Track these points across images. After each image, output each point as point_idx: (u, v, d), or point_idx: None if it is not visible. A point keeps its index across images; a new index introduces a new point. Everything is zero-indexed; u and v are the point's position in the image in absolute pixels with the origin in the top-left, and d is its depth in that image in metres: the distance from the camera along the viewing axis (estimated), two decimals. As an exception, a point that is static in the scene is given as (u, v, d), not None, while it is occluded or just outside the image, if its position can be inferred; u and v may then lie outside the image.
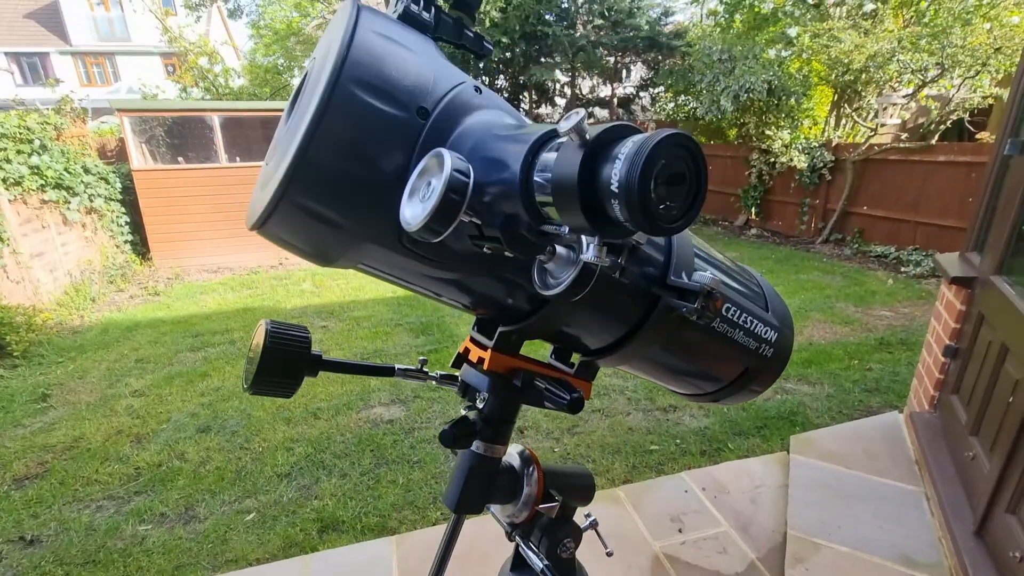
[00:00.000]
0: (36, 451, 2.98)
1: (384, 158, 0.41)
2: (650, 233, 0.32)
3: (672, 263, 0.55)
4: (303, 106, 0.43)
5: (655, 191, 0.31)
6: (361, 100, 0.39)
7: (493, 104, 0.47)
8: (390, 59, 0.41)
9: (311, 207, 0.42)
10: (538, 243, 0.40)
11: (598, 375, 1.99)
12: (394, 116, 0.41)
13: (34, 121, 5.41)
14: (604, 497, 2.33)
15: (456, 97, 0.44)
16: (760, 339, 0.67)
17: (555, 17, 11.33)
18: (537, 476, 0.63)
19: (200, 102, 8.90)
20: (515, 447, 0.66)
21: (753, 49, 7.96)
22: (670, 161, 0.31)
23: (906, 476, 2.27)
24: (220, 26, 22.99)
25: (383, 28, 0.42)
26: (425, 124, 0.42)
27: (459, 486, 0.57)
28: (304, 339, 0.54)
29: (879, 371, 3.75)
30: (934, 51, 6.10)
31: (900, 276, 6.06)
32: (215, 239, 6.98)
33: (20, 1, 23.49)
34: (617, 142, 0.32)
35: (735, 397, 0.74)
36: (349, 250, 0.47)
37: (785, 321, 0.71)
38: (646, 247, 0.54)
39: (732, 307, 0.63)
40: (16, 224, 4.94)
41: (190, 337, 4.65)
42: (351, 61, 0.39)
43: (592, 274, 0.40)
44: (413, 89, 0.42)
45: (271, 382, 0.54)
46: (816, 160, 7.65)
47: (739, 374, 0.71)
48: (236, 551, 2.22)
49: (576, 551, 0.64)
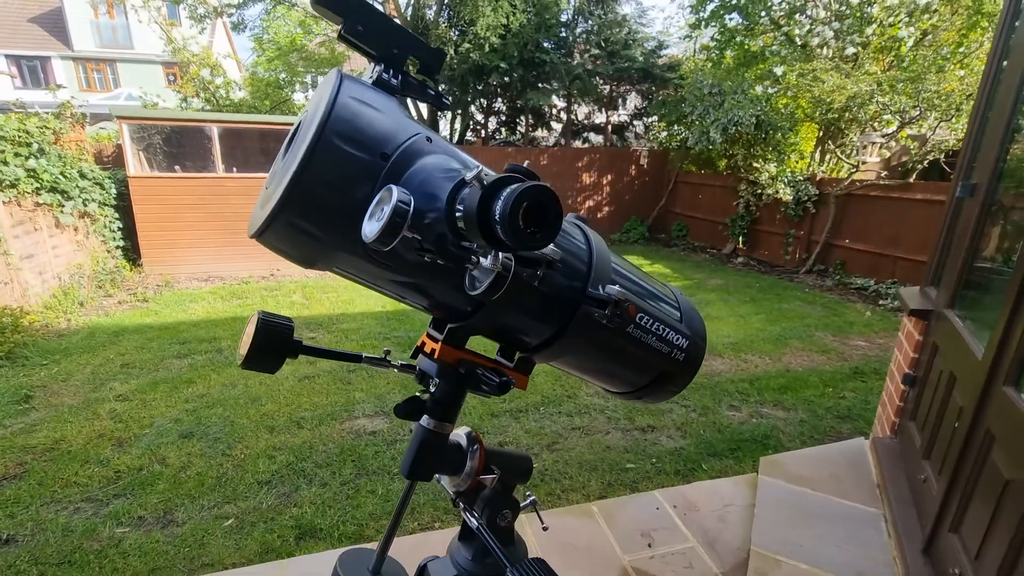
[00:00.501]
0: (16, 452, 2.99)
1: (354, 189, 0.55)
2: (519, 249, 0.45)
3: (591, 277, 0.67)
4: (296, 148, 0.57)
5: (522, 221, 0.45)
6: (338, 147, 0.54)
7: (441, 150, 0.60)
8: (361, 117, 0.55)
9: (299, 224, 0.56)
10: (461, 255, 0.54)
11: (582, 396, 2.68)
12: (362, 159, 0.55)
13: (33, 125, 5.48)
14: (578, 511, 2.39)
15: (411, 146, 0.58)
16: (672, 345, 0.78)
17: (553, 45, 11.67)
18: (480, 454, 0.75)
19: (200, 113, 9.02)
20: (464, 429, 0.77)
21: (742, 84, 8.26)
22: (531, 203, 0.46)
23: (868, 499, 2.36)
24: (224, 38, 23.32)
25: (358, 93, 0.57)
26: (385, 165, 0.56)
27: (412, 456, 0.68)
28: (288, 327, 0.68)
29: (852, 399, 3.86)
30: (911, 94, 6.39)
31: (878, 308, 6.23)
32: (208, 248, 7.03)
33: (24, 5, 23.70)
34: (502, 188, 0.46)
35: (655, 396, 0.84)
36: (326, 257, 0.62)
37: (698, 332, 0.82)
38: (571, 262, 0.67)
39: (645, 316, 0.74)
40: (8, 226, 4.97)
41: (177, 344, 4.67)
42: (332, 119, 0.53)
43: (504, 280, 0.52)
44: (377, 139, 0.56)
45: (260, 359, 0.67)
46: (801, 193, 7.89)
47: (656, 375, 0.81)
48: (213, 555, 2.25)
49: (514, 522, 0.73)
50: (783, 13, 8.79)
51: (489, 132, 13.29)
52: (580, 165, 11.17)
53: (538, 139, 13.57)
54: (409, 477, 0.68)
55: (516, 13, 10.49)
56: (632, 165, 11.42)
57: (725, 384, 4.06)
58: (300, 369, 4.18)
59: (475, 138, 13.15)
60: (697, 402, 3.74)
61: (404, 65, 0.62)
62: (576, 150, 11.68)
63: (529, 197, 0.45)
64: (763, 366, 4.47)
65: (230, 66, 12.63)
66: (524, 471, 0.80)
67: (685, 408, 3.66)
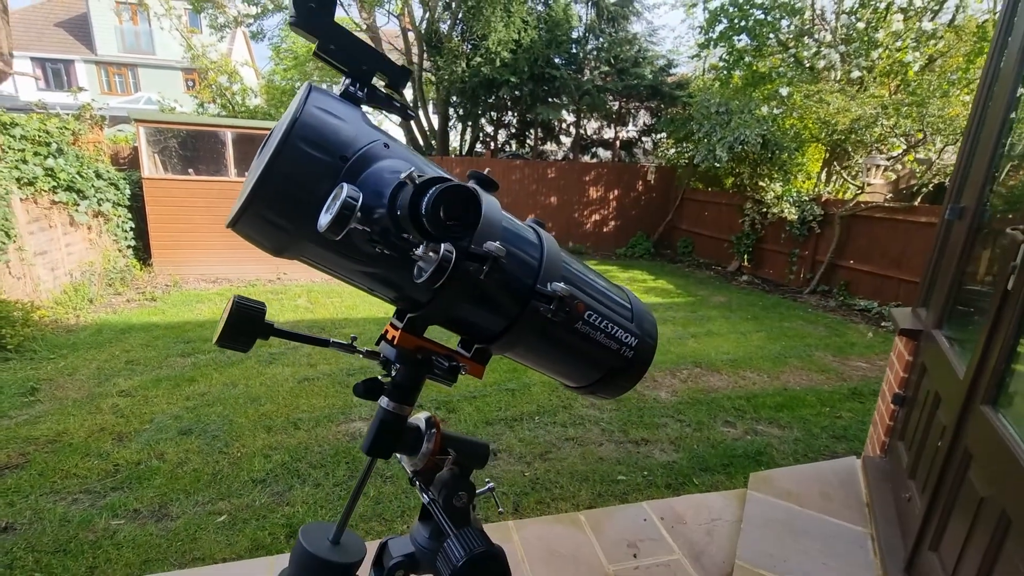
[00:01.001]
0: (19, 442, 3.05)
1: (315, 187, 0.62)
2: (442, 240, 0.51)
3: (540, 274, 0.72)
4: (267, 150, 0.64)
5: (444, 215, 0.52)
6: (302, 149, 0.61)
7: (397, 155, 0.67)
8: (325, 125, 0.63)
9: (266, 215, 0.64)
10: (402, 245, 0.61)
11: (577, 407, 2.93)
12: (324, 160, 0.62)
13: (54, 126, 5.64)
14: (565, 520, 2.41)
15: (368, 150, 0.65)
16: (621, 343, 0.83)
17: (563, 61, 11.83)
18: (436, 437, 0.79)
19: (215, 118, 9.21)
20: (424, 414, 0.82)
21: (749, 104, 8.34)
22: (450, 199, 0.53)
23: (856, 518, 2.36)
24: (242, 46, 23.81)
25: (323, 103, 0.64)
26: (344, 166, 0.63)
27: (372, 434, 0.75)
28: (260, 309, 0.73)
29: (848, 419, 3.85)
30: (916, 118, 6.43)
31: (881, 330, 6.21)
32: (216, 250, 7.14)
33: (51, 10, 24.38)
34: (430, 187, 0.54)
35: (607, 391, 0.89)
36: (294, 246, 0.68)
37: (648, 332, 0.86)
38: (521, 258, 0.73)
39: (594, 314, 0.79)
40: (24, 222, 5.10)
41: (182, 343, 4.75)
42: (298, 125, 0.61)
43: (444, 270, 0.58)
44: (338, 144, 0.63)
45: (233, 337, 0.72)
46: (806, 213, 7.91)
47: (606, 371, 0.85)
48: (204, 550, 2.28)
49: (469, 504, 0.78)
50: (791, 35, 8.88)
51: (499, 144, 13.45)
52: (587, 179, 11.27)
53: (547, 152, 13.69)
54: (369, 454, 0.73)
55: (527, 29, 10.68)
56: (639, 180, 11.49)
57: (722, 400, 4.06)
58: (300, 371, 4.23)
59: (484, 150, 13.31)
60: (692, 417, 3.75)
61: (371, 79, 0.69)
62: (584, 164, 11.78)
63: (449, 195, 0.52)
64: (761, 384, 4.46)
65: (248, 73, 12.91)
66: (480, 456, 0.84)
67: (680, 423, 3.67)
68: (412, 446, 0.80)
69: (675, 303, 7.30)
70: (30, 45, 22.59)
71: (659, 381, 4.41)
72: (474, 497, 0.78)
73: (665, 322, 6.20)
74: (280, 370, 4.25)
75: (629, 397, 4.03)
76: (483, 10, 10.22)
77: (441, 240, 0.55)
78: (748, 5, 9.00)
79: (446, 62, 10.85)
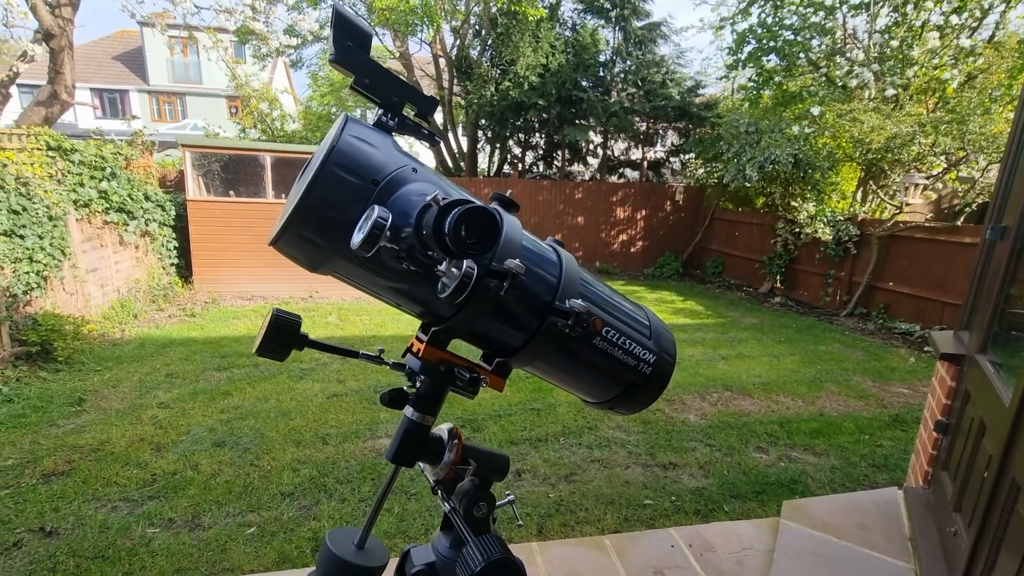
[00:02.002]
0: (65, 450, 3.20)
1: (349, 208, 0.67)
2: (463, 256, 0.53)
3: (559, 291, 0.75)
4: (306, 174, 0.71)
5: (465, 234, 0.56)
6: (337, 175, 0.67)
7: (424, 179, 0.72)
8: (358, 152, 0.69)
9: (304, 234, 0.69)
10: (427, 262, 0.65)
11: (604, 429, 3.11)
12: (356, 184, 0.68)
13: (108, 151, 6.02)
14: (589, 543, 2.36)
15: (397, 175, 0.70)
16: (639, 359, 0.84)
17: (591, 84, 11.98)
18: (457, 448, 0.82)
19: (256, 143, 9.65)
20: (447, 425, 0.85)
21: (779, 124, 8.25)
22: (471, 220, 0.57)
23: (898, 552, 2.24)
24: (282, 74, 24.98)
25: (358, 132, 0.70)
26: (375, 189, 0.68)
27: (396, 443, 0.78)
28: (296, 322, 0.78)
29: (890, 448, 3.68)
30: (956, 136, 6.24)
31: (923, 355, 5.94)
32: (253, 268, 7.41)
33: (111, 44, 26.18)
34: (452, 208, 0.58)
35: (625, 407, 0.89)
36: (328, 262, 0.73)
37: (666, 349, 0.87)
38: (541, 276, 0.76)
39: (612, 330, 0.81)
40: (79, 241, 5.41)
41: (218, 358, 4.92)
42: (334, 153, 0.66)
43: (466, 285, 0.61)
44: (370, 169, 0.69)
45: (270, 347, 0.77)
46: (841, 233, 7.70)
47: (625, 387, 0.86)
48: (233, 561, 2.33)
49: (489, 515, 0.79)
50: (822, 55, 8.79)
51: (526, 165, 13.61)
52: (615, 199, 11.26)
53: (574, 173, 13.77)
54: (393, 461, 0.76)
55: (555, 53, 10.88)
56: (667, 201, 11.43)
57: (753, 424, 3.95)
58: (329, 387, 4.32)
59: (512, 171, 13.48)
60: (723, 441, 3.65)
61: (402, 109, 0.75)
62: (611, 184, 11.79)
63: (470, 216, 0.57)
64: (795, 408, 4.32)
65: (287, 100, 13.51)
66: (500, 469, 0.86)
67: (709, 447, 3.57)
68: (435, 456, 0.83)
69: (704, 324, 7.16)
70: (90, 77, 24.21)
71: (688, 404, 4.32)
72: (494, 508, 0.80)
73: (694, 344, 6.09)
74: (310, 386, 4.34)
75: (657, 420, 3.95)
76: (512, 36, 10.48)
77: (462, 257, 0.59)
78: (777, 26, 8.97)
79: (475, 86, 11.13)
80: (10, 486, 2.82)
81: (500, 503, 0.85)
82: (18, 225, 4.41)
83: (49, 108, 5.89)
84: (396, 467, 0.79)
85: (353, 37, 0.70)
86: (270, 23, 8.00)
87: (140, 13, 6.93)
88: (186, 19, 7.21)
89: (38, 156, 4.94)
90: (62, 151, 5.29)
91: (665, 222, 11.49)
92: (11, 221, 4.35)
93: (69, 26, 5.80)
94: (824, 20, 8.60)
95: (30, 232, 4.51)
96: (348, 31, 0.70)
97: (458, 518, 0.76)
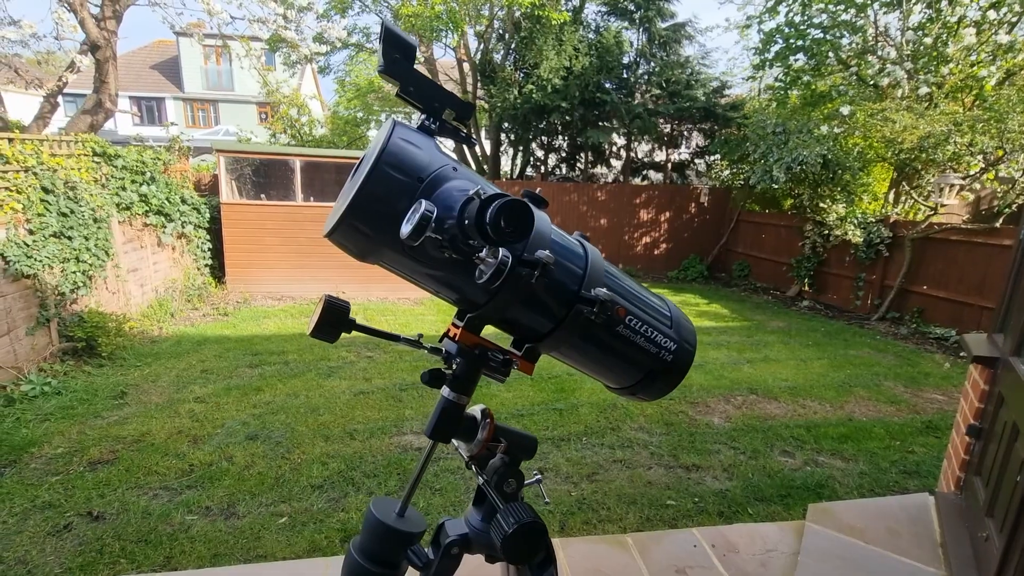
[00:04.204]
0: (110, 440, 3.36)
1: (397, 203, 0.74)
2: (501, 244, 0.58)
3: (585, 281, 0.80)
4: (359, 173, 0.78)
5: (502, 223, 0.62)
6: (388, 173, 0.73)
7: (464, 176, 0.79)
8: (406, 152, 0.75)
9: (357, 226, 0.76)
10: (468, 250, 0.71)
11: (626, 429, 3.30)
12: (404, 181, 0.74)
13: (148, 157, 6.28)
14: (611, 540, 2.38)
15: (440, 173, 0.76)
16: (660, 347, 0.88)
17: (614, 86, 11.95)
18: (489, 426, 0.87)
19: (286, 147, 9.93)
20: (480, 406, 0.90)
21: (807, 124, 8.10)
22: (509, 211, 0.63)
23: (928, 558, 2.20)
24: (310, 80, 25.58)
25: (405, 135, 0.77)
26: (420, 186, 0.75)
27: (434, 420, 0.83)
28: (346, 307, 0.85)
29: (922, 454, 3.59)
30: (994, 135, 6.04)
31: (959, 360, 5.75)
32: (283, 269, 7.63)
33: (149, 55, 27.24)
34: (493, 200, 0.64)
35: (647, 392, 0.93)
36: (376, 252, 0.80)
37: (686, 338, 0.91)
38: (568, 267, 0.81)
39: (634, 319, 0.85)
40: (120, 242, 5.67)
41: (250, 355, 5.09)
42: (385, 153, 0.73)
43: (502, 272, 0.66)
44: (415, 167, 0.75)
45: (324, 330, 0.83)
46: (872, 235, 7.52)
47: (646, 373, 0.90)
48: (267, 548, 2.43)
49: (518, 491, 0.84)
50: (852, 54, 8.60)
51: (549, 168, 13.64)
52: (638, 202, 11.21)
53: (597, 175, 13.74)
54: (431, 437, 0.82)
55: (579, 56, 10.90)
56: (692, 203, 11.32)
57: (779, 428, 3.90)
58: (356, 385, 4.43)
59: (535, 173, 13.53)
60: (747, 444, 3.61)
61: (442, 114, 0.81)
62: (634, 187, 11.74)
63: (508, 207, 0.63)
64: (823, 413, 4.25)
65: (314, 106, 13.84)
66: (528, 448, 0.91)
67: (734, 450, 3.55)
68: (468, 433, 0.89)
69: (729, 327, 7.07)
70: (129, 86, 25.22)
71: (711, 407, 4.28)
72: (522, 486, 0.85)
73: (719, 347, 6.03)
74: (338, 383, 4.46)
75: (680, 422, 3.94)
76: (535, 40, 10.55)
77: (500, 244, 0.66)
78: (805, 25, 8.81)
79: (499, 90, 11.22)
80: (60, 472, 2.99)
81: (528, 481, 0.90)
82: (66, 227, 4.65)
83: (94, 116, 6.19)
84: (433, 443, 0.84)
85: (400, 50, 0.76)
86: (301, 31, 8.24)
87: (179, 24, 7.21)
88: (220, 29, 7.48)
89: (85, 162, 5.20)
90: (106, 157, 5.56)
91: (690, 224, 11.38)
92: (60, 223, 4.59)
93: (113, 38, 6.09)
94: (855, 18, 8.41)
95: (77, 234, 4.75)
96: (396, 44, 0.76)
97: (490, 489, 0.81)
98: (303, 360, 5.01)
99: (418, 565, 0.85)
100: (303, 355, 5.14)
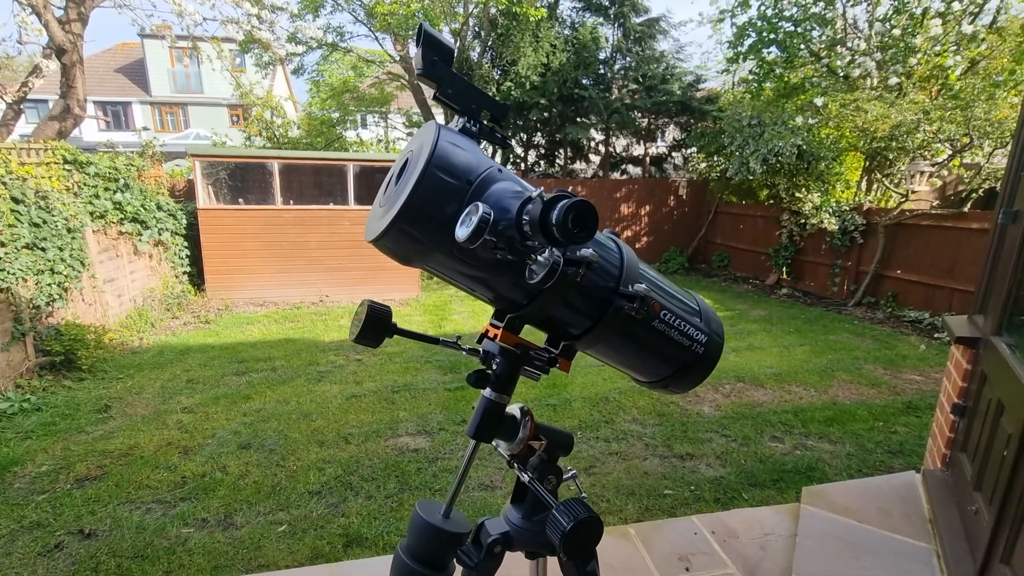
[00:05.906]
0: (96, 455, 3.27)
1: (446, 206, 0.73)
2: (568, 244, 0.60)
3: (622, 277, 0.82)
4: (407, 177, 0.76)
5: (569, 224, 0.62)
6: (438, 176, 0.72)
7: (508, 178, 0.79)
8: (454, 155, 0.75)
9: (408, 231, 0.75)
10: (524, 251, 0.71)
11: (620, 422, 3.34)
12: (454, 184, 0.74)
13: (121, 163, 6.11)
14: (614, 532, 2.42)
15: (488, 175, 0.76)
16: (692, 339, 0.90)
17: (592, 81, 12.03)
18: (530, 425, 0.89)
19: (263, 150, 9.74)
20: (518, 404, 0.90)
21: (782, 115, 8.27)
22: (577, 211, 0.63)
23: (919, 533, 2.29)
24: (282, 81, 25.11)
25: (451, 138, 0.76)
26: (470, 188, 0.74)
27: (476, 420, 0.84)
28: (388, 312, 0.86)
29: (904, 434, 3.71)
30: (960, 122, 6.25)
31: (934, 342, 5.96)
32: (264, 275, 7.49)
33: (113, 57, 26.40)
34: (558, 201, 0.64)
35: (678, 385, 0.95)
36: (422, 256, 0.80)
37: (716, 330, 0.94)
38: (605, 265, 0.83)
39: (668, 313, 0.87)
40: (96, 252, 5.50)
41: (236, 363, 4.99)
42: (435, 156, 0.72)
43: (555, 272, 0.67)
44: (464, 170, 0.75)
45: (368, 335, 0.83)
46: (847, 223, 7.72)
47: (679, 366, 0.93)
48: (268, 557, 2.40)
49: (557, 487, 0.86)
50: (823, 46, 8.80)
51: (528, 165, 13.66)
52: (618, 196, 11.30)
53: (576, 171, 13.82)
54: (473, 437, 0.83)
55: (556, 52, 10.93)
56: (671, 196, 11.46)
57: (768, 415, 3.99)
58: (347, 388, 4.38)
59: (514, 170, 13.54)
60: (738, 432, 3.69)
61: (480, 116, 0.82)
62: (614, 181, 11.83)
63: (576, 208, 0.63)
64: (808, 398, 4.36)
65: (288, 107, 13.61)
66: (566, 445, 0.92)
67: (725, 438, 3.62)
68: (510, 432, 0.90)
69: (714, 318, 7.19)
70: (93, 90, 24.33)
71: (701, 396, 4.36)
72: (561, 481, 0.86)
73: (704, 337, 6.12)
74: (329, 387, 4.41)
75: (671, 412, 4.00)
76: (512, 37, 10.54)
77: (568, 245, 0.66)
78: (777, 18, 8.98)
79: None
80: (46, 491, 2.90)
81: (565, 477, 0.92)
82: (39, 238, 4.50)
83: (63, 122, 5.99)
84: (476, 443, 0.84)
85: (438, 53, 0.76)
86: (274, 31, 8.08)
87: (148, 26, 7.01)
88: (191, 30, 7.30)
89: (55, 170, 5.03)
90: (78, 164, 5.38)
91: (669, 217, 11.53)
92: (32, 234, 4.43)
93: (79, 41, 5.90)
94: (824, 11, 8.61)
95: (50, 244, 4.60)
96: (434, 48, 0.76)
97: (538, 486, 0.82)
98: (291, 365, 4.94)
99: (470, 565, 0.86)
100: (291, 360, 5.07)
